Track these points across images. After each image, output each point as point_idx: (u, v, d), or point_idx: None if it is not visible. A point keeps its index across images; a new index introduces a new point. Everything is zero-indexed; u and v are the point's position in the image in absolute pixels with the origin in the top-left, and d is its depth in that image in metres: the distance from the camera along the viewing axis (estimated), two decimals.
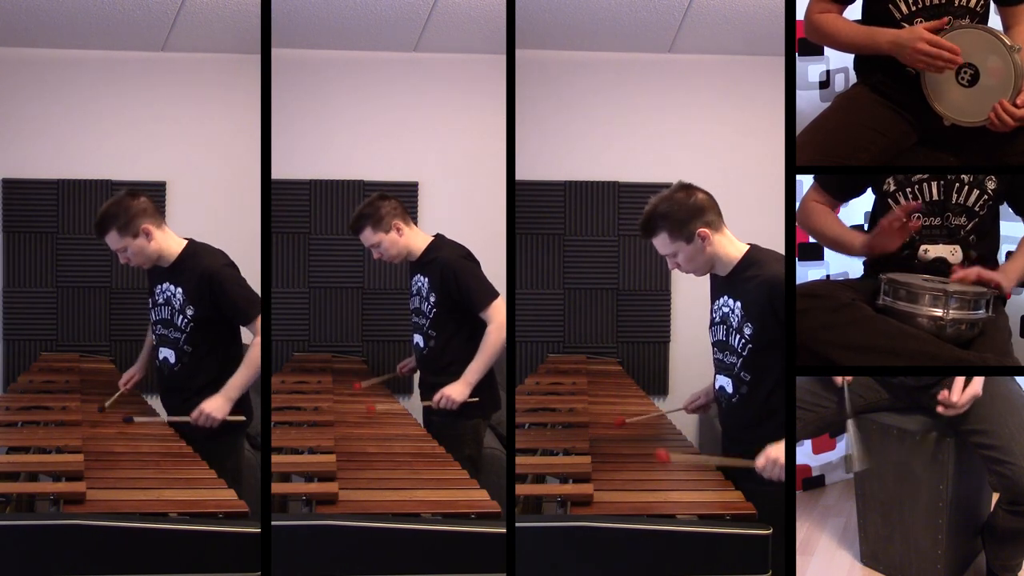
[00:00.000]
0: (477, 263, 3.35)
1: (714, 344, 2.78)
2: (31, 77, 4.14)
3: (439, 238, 3.43)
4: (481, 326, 3.27)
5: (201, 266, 3.11)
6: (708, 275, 2.78)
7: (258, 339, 3.01)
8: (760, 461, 2.55)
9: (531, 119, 4.02)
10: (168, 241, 3.15)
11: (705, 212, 2.64)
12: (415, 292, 3.44)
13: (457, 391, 3.24)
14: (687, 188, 2.67)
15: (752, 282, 2.63)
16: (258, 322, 2.99)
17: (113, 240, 3.12)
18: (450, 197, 4.14)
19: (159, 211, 3.19)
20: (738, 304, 2.66)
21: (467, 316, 3.31)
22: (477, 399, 3.27)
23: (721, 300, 2.73)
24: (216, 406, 3.04)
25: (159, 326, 3.21)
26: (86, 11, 3.91)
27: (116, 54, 4.15)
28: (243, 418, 3.09)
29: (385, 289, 4.29)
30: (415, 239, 3.41)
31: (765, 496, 2.52)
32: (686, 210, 2.63)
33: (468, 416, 3.29)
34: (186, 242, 3.19)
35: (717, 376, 2.78)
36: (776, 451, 2.54)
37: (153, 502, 2.46)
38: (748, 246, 2.71)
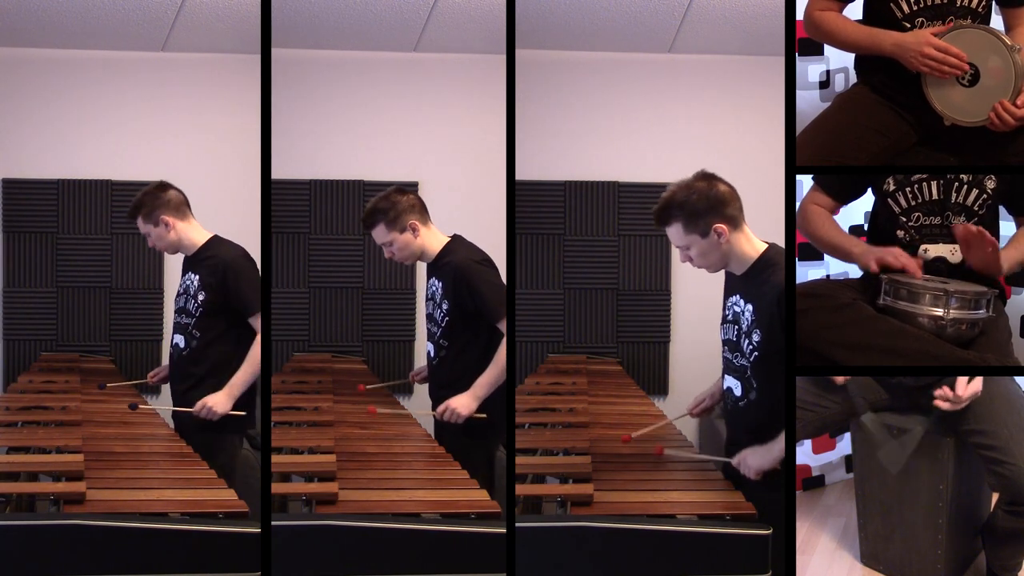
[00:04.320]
0: (494, 268, 3.12)
1: (724, 343, 2.68)
2: (31, 77, 4.15)
3: (456, 239, 3.21)
4: (498, 337, 3.05)
5: (219, 254, 3.19)
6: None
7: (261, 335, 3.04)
8: (735, 459, 2.58)
9: (531, 119, 4.02)
10: (190, 233, 3.26)
11: (725, 205, 2.51)
12: (429, 297, 3.24)
13: (463, 404, 3.01)
14: (708, 178, 2.53)
15: (766, 285, 2.51)
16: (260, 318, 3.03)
17: (140, 225, 3.26)
18: (450, 197, 4.13)
19: (186, 203, 3.30)
20: (749, 307, 2.57)
21: (483, 325, 3.08)
22: (485, 416, 3.02)
23: (733, 299, 2.64)
24: (218, 401, 3.07)
25: (177, 314, 3.27)
26: (86, 11, 3.91)
27: (116, 54, 4.15)
28: (243, 413, 3.10)
29: (385, 289, 4.29)
30: (431, 240, 3.18)
31: (765, 496, 2.52)
32: (705, 201, 2.49)
33: (479, 436, 3.06)
34: (212, 235, 3.28)
35: (726, 376, 2.69)
36: (751, 454, 2.55)
37: (153, 502, 2.46)
38: (767, 245, 2.59)
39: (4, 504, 2.45)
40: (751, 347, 2.57)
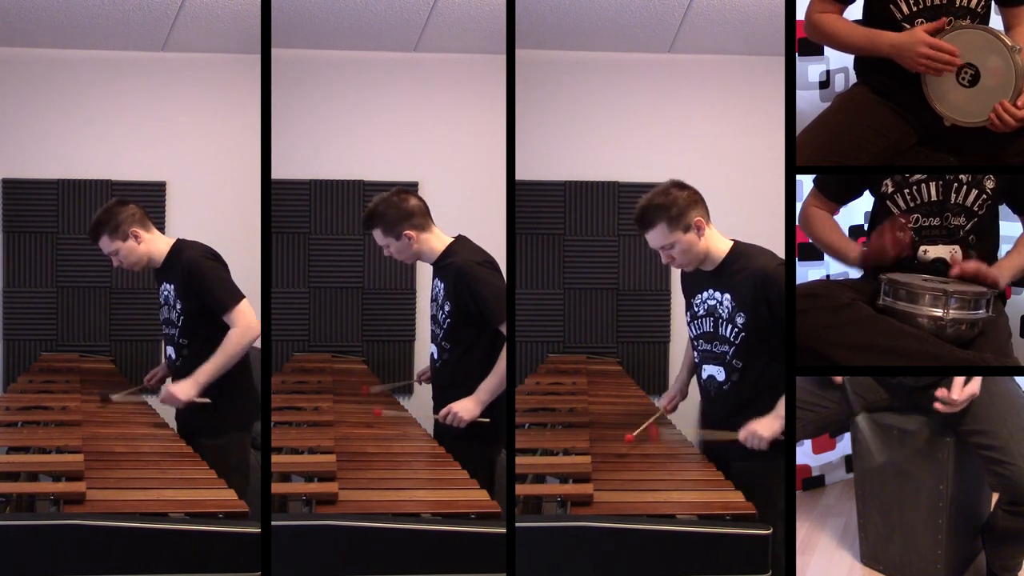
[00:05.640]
0: (497, 270, 3.07)
1: (699, 337, 2.84)
2: (31, 77, 4.14)
3: (459, 240, 3.15)
4: (501, 339, 2.99)
5: (183, 260, 3.16)
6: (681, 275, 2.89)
7: (235, 329, 3.06)
8: (742, 434, 2.70)
9: (531, 119, 4.02)
10: (157, 243, 3.23)
11: (699, 204, 2.76)
12: (432, 298, 3.19)
13: (466, 409, 2.97)
14: (680, 185, 2.77)
15: (741, 274, 2.72)
16: (235, 313, 3.06)
17: (105, 244, 3.22)
18: (450, 197, 4.13)
19: (149, 216, 3.26)
20: (727, 296, 2.75)
21: (485, 327, 3.03)
22: (488, 420, 2.97)
23: (706, 294, 2.81)
24: (182, 389, 3.06)
25: (163, 326, 3.27)
26: (86, 11, 3.91)
27: (116, 54, 4.15)
28: (208, 400, 3.07)
29: (385, 289, 4.29)
30: (432, 242, 3.12)
31: (765, 496, 2.53)
32: (684, 201, 2.72)
33: (480, 438, 3.00)
34: (175, 241, 3.24)
35: (705, 366, 2.84)
36: (758, 425, 2.68)
37: (153, 502, 2.46)
38: (732, 241, 2.79)
39: (4, 504, 2.45)
40: (736, 330, 2.74)
